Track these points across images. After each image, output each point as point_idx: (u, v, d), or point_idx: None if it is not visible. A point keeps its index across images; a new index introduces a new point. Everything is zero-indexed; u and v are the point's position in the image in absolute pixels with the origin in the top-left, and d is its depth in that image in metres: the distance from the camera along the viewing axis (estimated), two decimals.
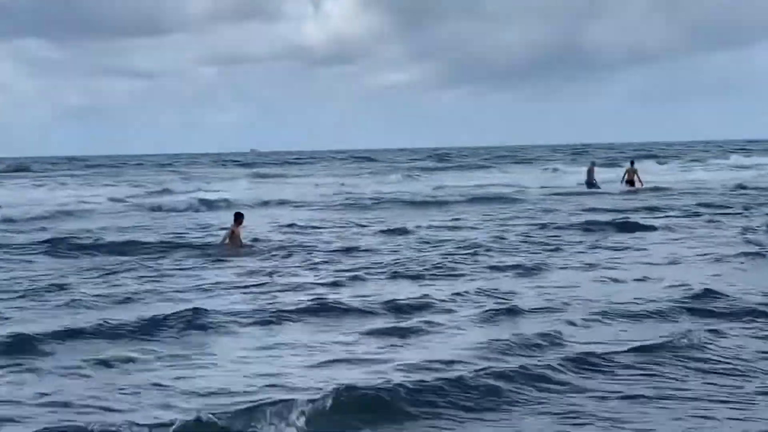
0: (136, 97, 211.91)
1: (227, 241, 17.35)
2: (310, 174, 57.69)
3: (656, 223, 20.92)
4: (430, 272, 13.98)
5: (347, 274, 13.94)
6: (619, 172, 37.59)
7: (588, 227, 20.07)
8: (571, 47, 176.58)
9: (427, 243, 18.14)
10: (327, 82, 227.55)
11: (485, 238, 18.43)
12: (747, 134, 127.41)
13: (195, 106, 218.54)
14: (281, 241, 19.05)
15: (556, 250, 16.59)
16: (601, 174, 36.89)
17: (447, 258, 15.49)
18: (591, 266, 14.44)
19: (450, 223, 22.59)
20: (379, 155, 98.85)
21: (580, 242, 17.83)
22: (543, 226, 20.75)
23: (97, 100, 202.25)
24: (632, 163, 36.77)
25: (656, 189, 32.74)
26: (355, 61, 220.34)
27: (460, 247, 16.99)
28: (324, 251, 17.21)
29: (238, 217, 17.54)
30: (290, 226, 22.42)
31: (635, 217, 22.09)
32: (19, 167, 69.85)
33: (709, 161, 61.47)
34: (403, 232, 20.11)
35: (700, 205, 26.08)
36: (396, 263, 15.09)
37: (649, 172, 39.20)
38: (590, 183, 34.62)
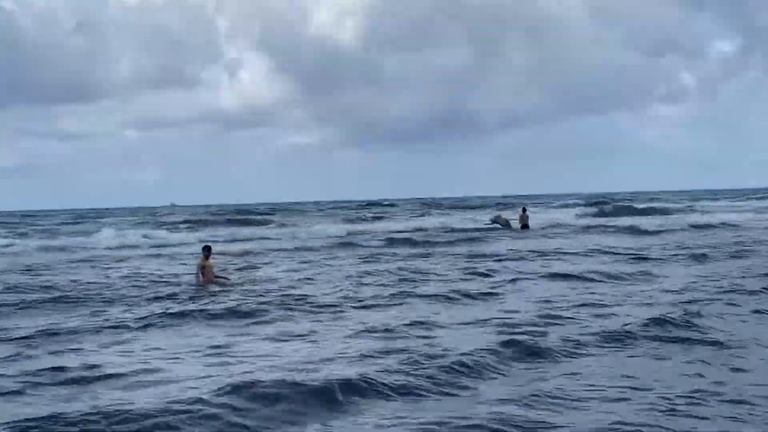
0: (65, 158, 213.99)
1: (200, 275, 17.49)
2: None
3: None
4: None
5: None
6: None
7: None
8: (455, 112, 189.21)
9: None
10: (241, 143, 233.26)
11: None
12: (606, 188, 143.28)
13: (120, 166, 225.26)
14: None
15: None
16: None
17: None
18: None
19: None
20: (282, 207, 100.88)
21: None
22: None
23: (28, 160, 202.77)
24: (524, 209, 41.98)
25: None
26: (266, 124, 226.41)
27: None
28: None
29: (206, 250, 17.74)
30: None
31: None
32: None
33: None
34: None
35: None
36: None
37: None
38: (525, 225, 39.18)
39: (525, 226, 39.01)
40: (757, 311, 12.54)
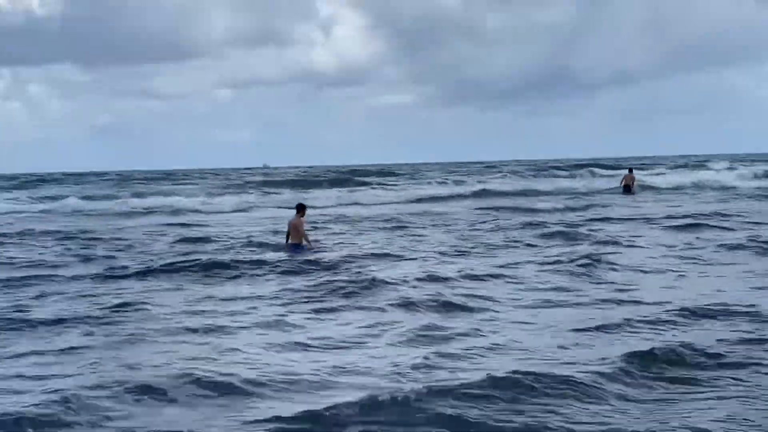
0: (157, 117, 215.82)
1: (290, 235, 16.30)
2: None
3: None
4: None
5: None
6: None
7: None
8: (560, 69, 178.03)
9: None
10: (334, 103, 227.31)
11: None
12: (727, 149, 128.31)
13: (211, 126, 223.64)
14: None
15: None
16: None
17: None
18: None
19: None
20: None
21: None
22: None
23: (122, 119, 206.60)
24: (630, 170, 40.91)
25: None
26: (361, 83, 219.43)
27: None
28: None
29: (300, 208, 16.37)
30: None
31: None
32: None
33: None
34: None
35: None
36: None
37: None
38: (627, 188, 38.27)
39: (627, 188, 37.66)
40: None
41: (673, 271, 13.13)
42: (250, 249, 16.92)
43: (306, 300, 10.97)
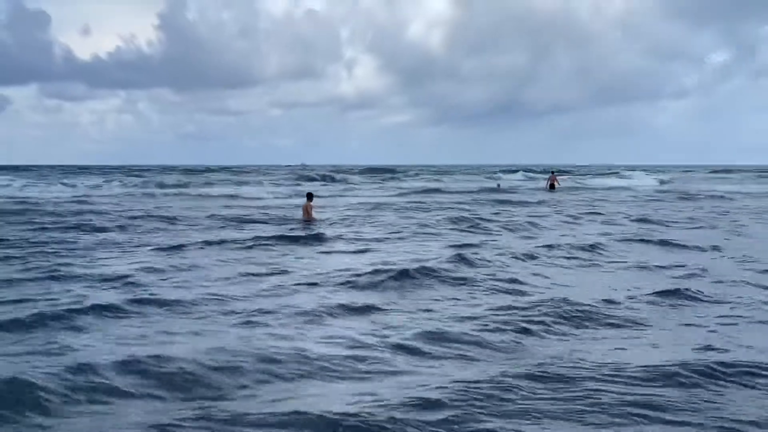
0: (228, 127, 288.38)
1: (303, 213, 25.72)
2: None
3: None
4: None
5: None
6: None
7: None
8: (514, 100, 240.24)
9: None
10: (353, 121, 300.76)
11: None
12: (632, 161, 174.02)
13: (266, 135, 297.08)
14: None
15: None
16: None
17: None
18: None
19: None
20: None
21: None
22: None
23: (203, 129, 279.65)
24: (553, 173, 56.64)
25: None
26: (373, 107, 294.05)
27: None
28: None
29: (309, 196, 25.88)
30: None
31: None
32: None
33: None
34: None
35: None
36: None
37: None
38: (552, 186, 52.23)
39: (552, 186, 51.30)
40: None
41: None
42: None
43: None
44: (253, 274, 13.58)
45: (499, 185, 59.52)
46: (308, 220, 25.20)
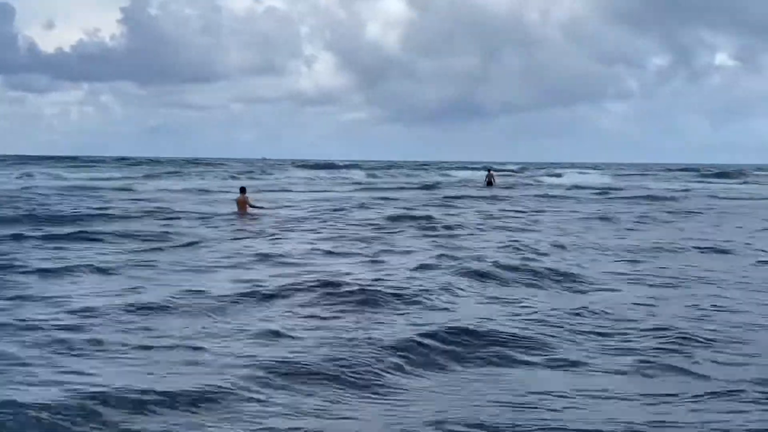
0: (190, 121, 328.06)
1: (237, 207, 24.90)
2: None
3: None
4: None
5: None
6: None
7: None
8: (467, 101, 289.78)
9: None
10: (312, 116, 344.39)
11: None
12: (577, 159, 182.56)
13: (227, 129, 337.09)
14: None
15: None
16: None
17: None
18: None
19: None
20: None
21: None
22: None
23: (166, 122, 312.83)
24: (489, 170, 54.32)
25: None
26: (331, 103, 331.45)
27: None
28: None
29: (242, 190, 25.07)
30: None
31: None
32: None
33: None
34: None
35: None
36: None
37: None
38: (489, 183, 50.33)
39: (489, 183, 50.10)
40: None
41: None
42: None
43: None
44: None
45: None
46: (243, 213, 24.44)
